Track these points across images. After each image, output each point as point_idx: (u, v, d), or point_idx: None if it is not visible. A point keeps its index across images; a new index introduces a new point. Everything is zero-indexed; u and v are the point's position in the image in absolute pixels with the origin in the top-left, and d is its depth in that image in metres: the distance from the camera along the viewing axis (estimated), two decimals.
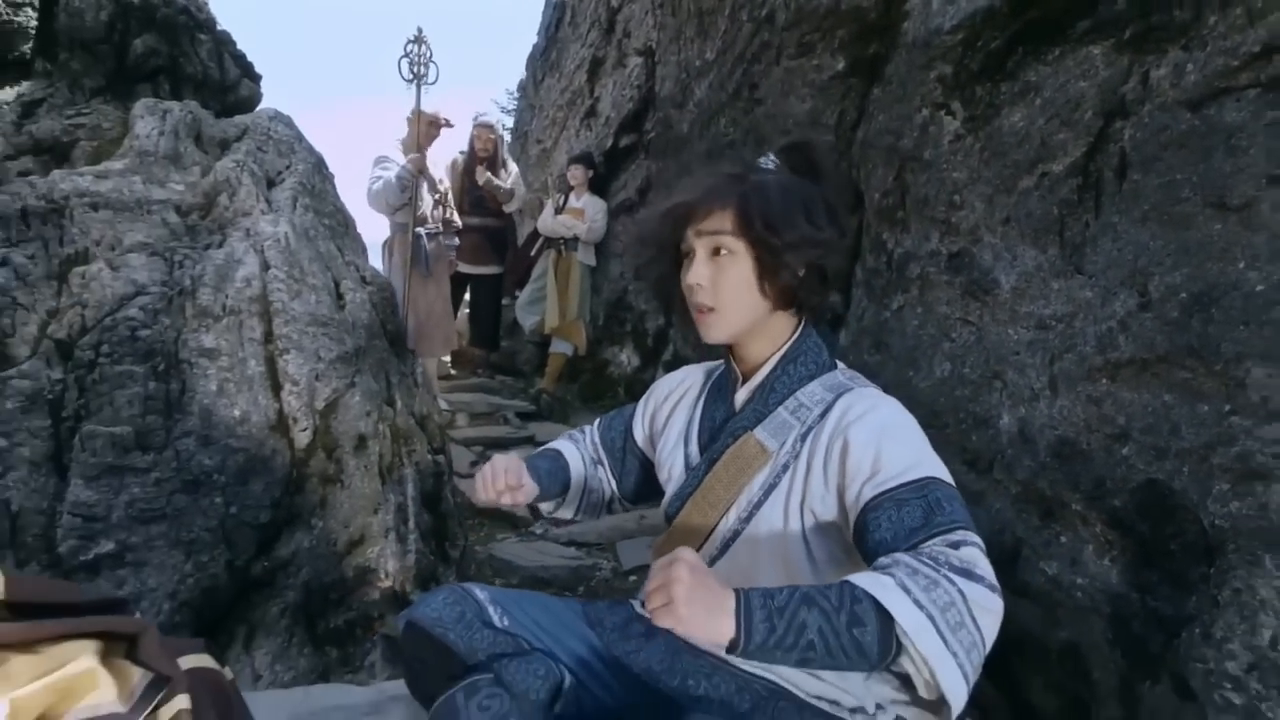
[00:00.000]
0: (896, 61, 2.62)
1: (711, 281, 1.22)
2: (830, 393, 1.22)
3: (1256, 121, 1.59)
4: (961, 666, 0.94)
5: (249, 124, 3.47)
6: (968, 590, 0.96)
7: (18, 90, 2.92)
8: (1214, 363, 1.62)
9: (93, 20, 3.12)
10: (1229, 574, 1.54)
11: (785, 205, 1.19)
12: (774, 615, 0.93)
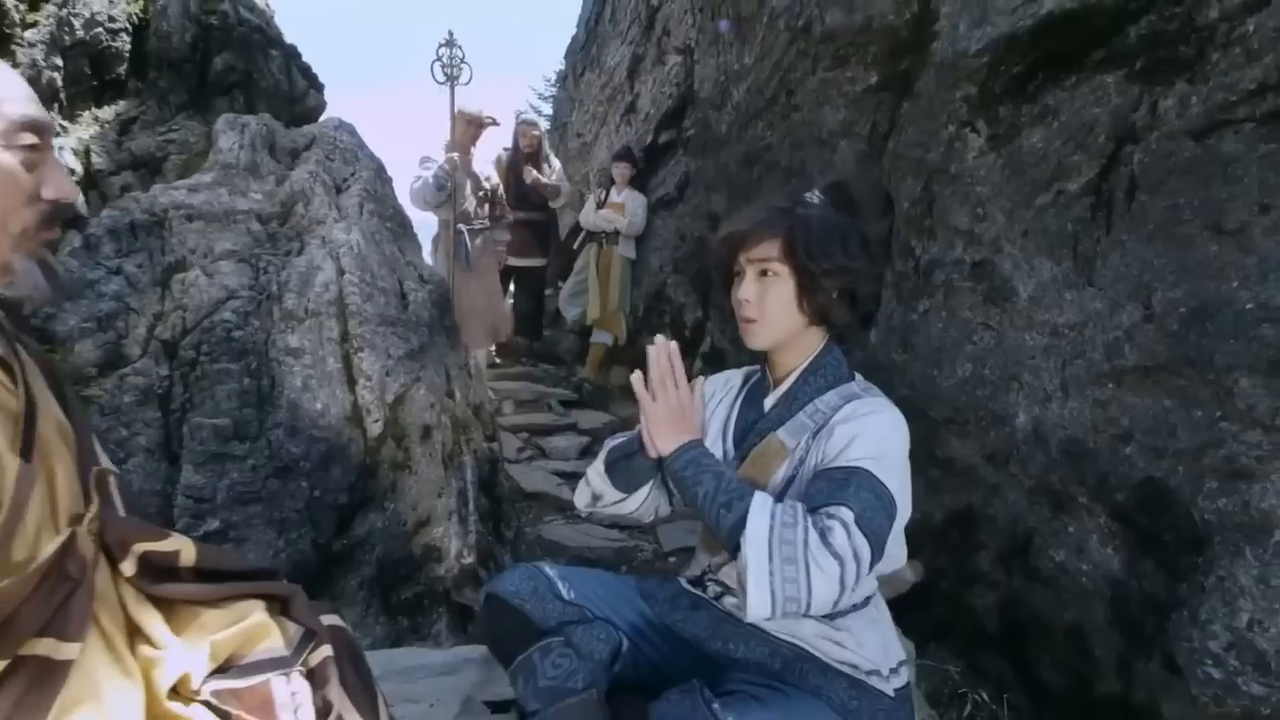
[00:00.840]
0: (925, 79, 2.78)
1: (758, 298, 1.43)
2: (843, 400, 1.41)
3: (1251, 153, 1.75)
4: (773, 589, 1.16)
5: (316, 133, 3.73)
6: (812, 544, 1.16)
7: (115, 109, 3.21)
8: (1207, 372, 1.78)
9: (179, 42, 3.39)
10: (1215, 563, 1.71)
11: (825, 237, 1.39)
12: (692, 465, 1.33)
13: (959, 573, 2.59)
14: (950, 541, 2.67)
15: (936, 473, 2.76)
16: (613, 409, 5.76)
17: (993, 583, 2.45)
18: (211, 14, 3.60)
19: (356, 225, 3.14)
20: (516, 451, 4.84)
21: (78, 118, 3.13)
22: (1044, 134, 2.28)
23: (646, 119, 6.39)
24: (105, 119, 3.19)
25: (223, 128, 3.35)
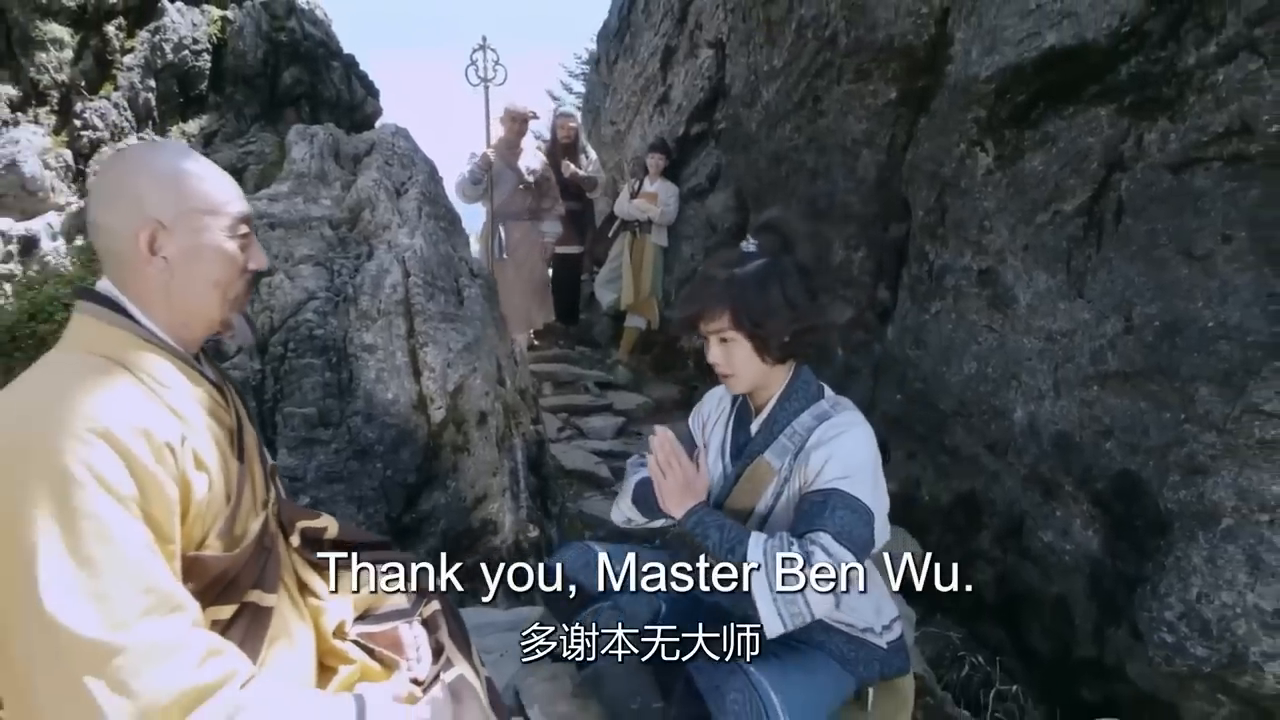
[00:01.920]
0: (940, 98, 3.00)
1: (725, 359, 1.70)
2: (816, 420, 1.69)
3: (1217, 189, 1.98)
4: (779, 612, 1.47)
5: (375, 139, 4.03)
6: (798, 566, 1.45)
7: (199, 123, 3.54)
8: (1174, 380, 2.04)
9: (252, 59, 3.71)
10: (1174, 545, 1.99)
11: (764, 299, 1.62)
12: (699, 524, 1.59)
13: (962, 550, 2.87)
14: (956, 522, 2.95)
15: (945, 459, 3.03)
16: (646, 391, 6.06)
17: (991, 559, 2.74)
18: (280, 31, 3.92)
19: (418, 230, 3.45)
20: (556, 431, 5.17)
21: (168, 133, 3.47)
22: (1044, 158, 2.51)
23: (679, 110, 6.61)
24: (191, 133, 3.53)
25: (294, 139, 3.67)
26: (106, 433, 0.95)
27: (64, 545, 0.90)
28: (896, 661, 1.73)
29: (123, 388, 1.02)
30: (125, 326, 1.09)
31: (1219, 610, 1.84)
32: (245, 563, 1.17)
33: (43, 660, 0.88)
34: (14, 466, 0.92)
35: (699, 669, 1.61)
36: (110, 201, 1.09)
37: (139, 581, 0.93)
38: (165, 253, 1.10)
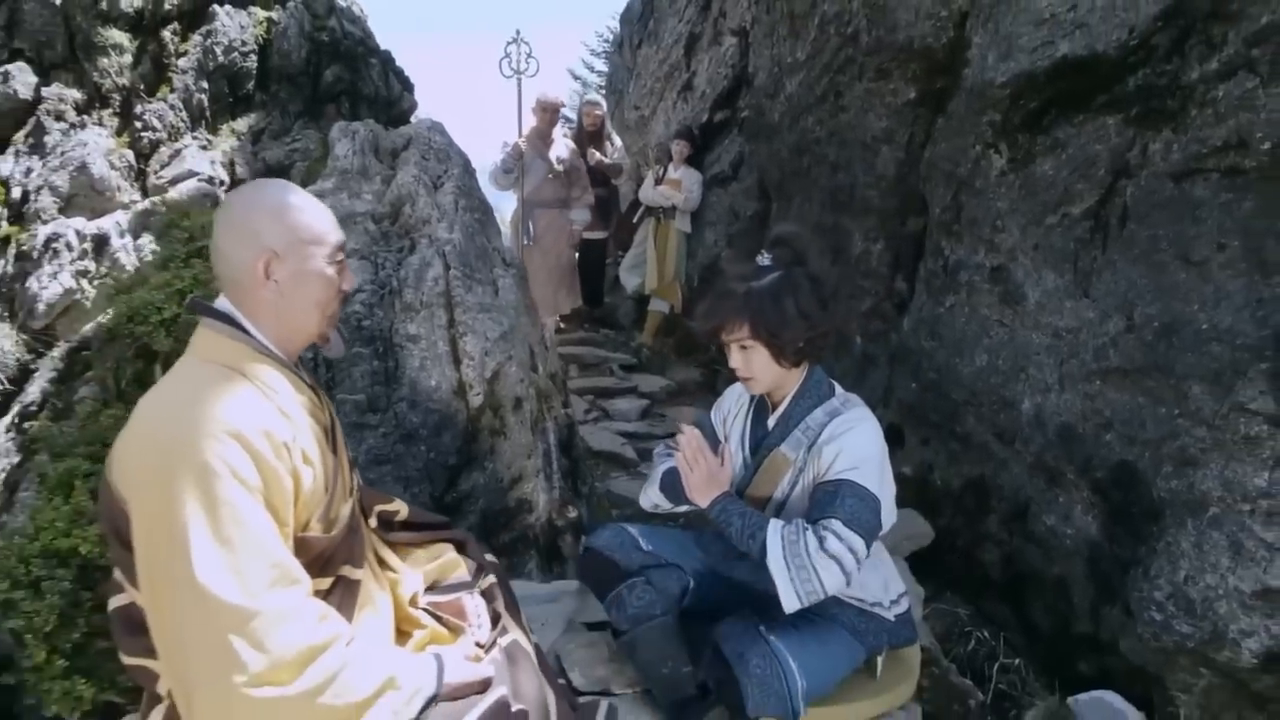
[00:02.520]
0: (957, 100, 3.12)
1: (745, 365, 1.87)
2: (827, 416, 1.85)
3: (1214, 199, 2.11)
4: (796, 590, 1.65)
5: (412, 134, 4.20)
6: (814, 553, 1.64)
7: (248, 122, 3.73)
8: (1170, 378, 2.19)
9: (296, 58, 3.89)
10: (1165, 531, 2.15)
11: (779, 310, 1.78)
12: (723, 512, 1.78)
13: (971, 532, 3.04)
14: (966, 505, 3.11)
15: (957, 446, 3.19)
16: (669, 373, 6.24)
17: (998, 541, 2.90)
18: (322, 30, 4.09)
19: (456, 223, 3.63)
20: (583, 413, 5.37)
21: (219, 131, 3.66)
22: (1054, 163, 2.64)
23: (703, 97, 6.71)
24: (240, 131, 3.72)
25: (337, 136, 3.85)
26: (238, 433, 1.14)
27: (208, 527, 1.09)
28: (904, 633, 1.92)
29: (245, 394, 1.22)
30: (242, 340, 1.29)
31: (1203, 591, 2.00)
32: (339, 542, 1.37)
33: (194, 620, 1.09)
34: (166, 460, 1.12)
35: (725, 637, 1.80)
36: (233, 234, 1.28)
37: (266, 558, 1.13)
38: (277, 277, 1.29)
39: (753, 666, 1.69)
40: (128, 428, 1.20)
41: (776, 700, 1.66)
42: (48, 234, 2.88)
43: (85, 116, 3.34)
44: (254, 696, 1.07)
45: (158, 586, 1.12)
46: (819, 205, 4.46)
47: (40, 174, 3.14)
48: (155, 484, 1.11)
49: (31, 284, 2.81)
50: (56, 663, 1.52)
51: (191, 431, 1.13)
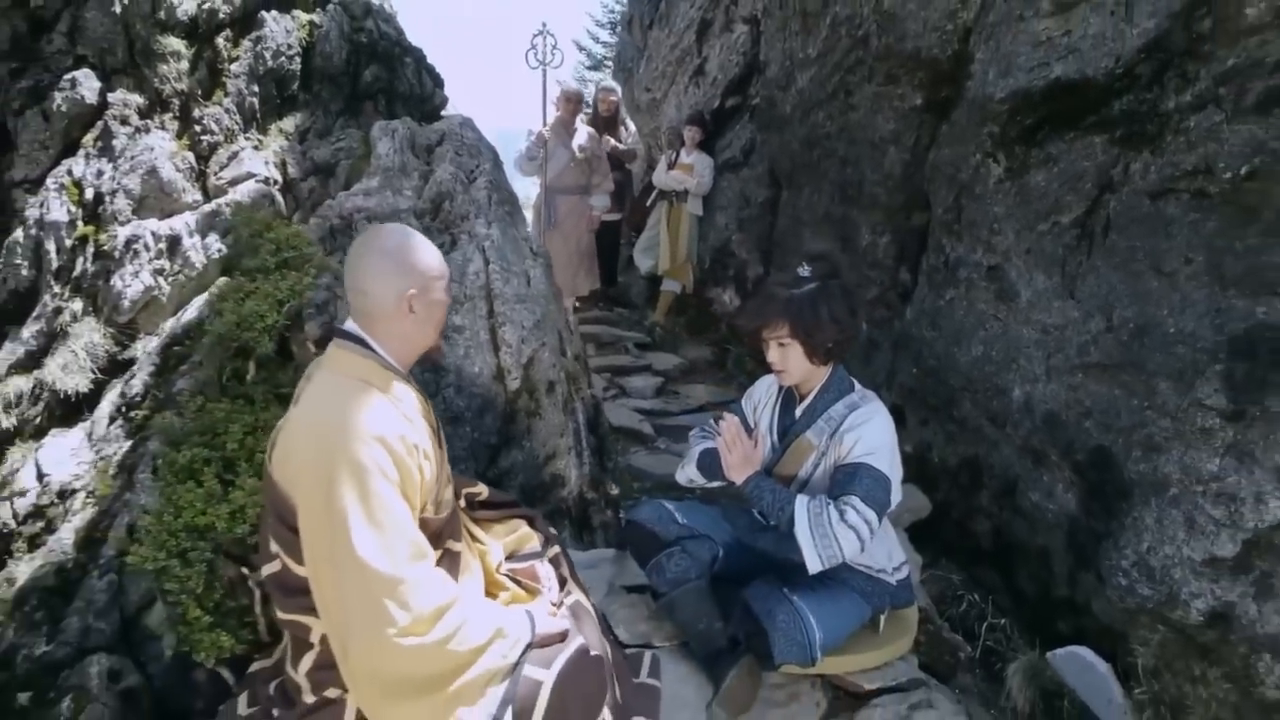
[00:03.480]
0: (960, 110, 3.37)
1: (781, 360, 2.19)
2: (847, 409, 2.17)
3: (1184, 218, 2.39)
4: (819, 554, 1.98)
5: (445, 130, 4.44)
6: (835, 523, 1.96)
7: (294, 121, 3.97)
8: (1141, 375, 2.48)
9: (337, 59, 4.12)
10: (1133, 508, 2.46)
11: (816, 314, 2.10)
12: (756, 488, 2.10)
13: (965, 506, 3.36)
14: (960, 482, 3.42)
15: (953, 428, 3.50)
16: (681, 351, 6.53)
17: (989, 514, 3.22)
18: (360, 32, 4.31)
19: (492, 219, 3.90)
20: (602, 390, 5.67)
21: (268, 131, 3.91)
22: (1046, 175, 2.91)
23: (714, 83, 6.91)
24: (288, 130, 3.96)
25: (378, 135, 4.10)
26: (381, 438, 1.45)
27: (363, 514, 1.40)
28: (903, 595, 2.25)
29: (381, 404, 1.52)
30: (371, 358, 1.59)
31: (1161, 560, 2.32)
32: (445, 521, 1.68)
33: (354, 586, 1.40)
34: (327, 462, 1.42)
35: (754, 597, 2.12)
36: (377, 279, 1.57)
37: (407, 537, 1.44)
38: (415, 308, 1.59)
39: (779, 621, 2.02)
40: (289, 435, 1.50)
41: (798, 649, 1.99)
42: (127, 235, 3.15)
43: (148, 121, 3.59)
44: (401, 644, 1.39)
45: (321, 561, 1.43)
46: (828, 197, 4.71)
47: (113, 177, 3.40)
48: (319, 482, 1.41)
49: (115, 282, 3.09)
50: (204, 619, 1.84)
51: (345, 438, 1.43)
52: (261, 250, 2.57)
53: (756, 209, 6.00)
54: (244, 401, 2.29)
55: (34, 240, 3.34)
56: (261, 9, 3.88)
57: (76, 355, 3.00)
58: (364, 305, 1.61)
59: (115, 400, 2.82)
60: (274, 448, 1.56)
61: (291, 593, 1.53)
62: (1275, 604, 2.05)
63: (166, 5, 3.64)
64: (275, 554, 1.56)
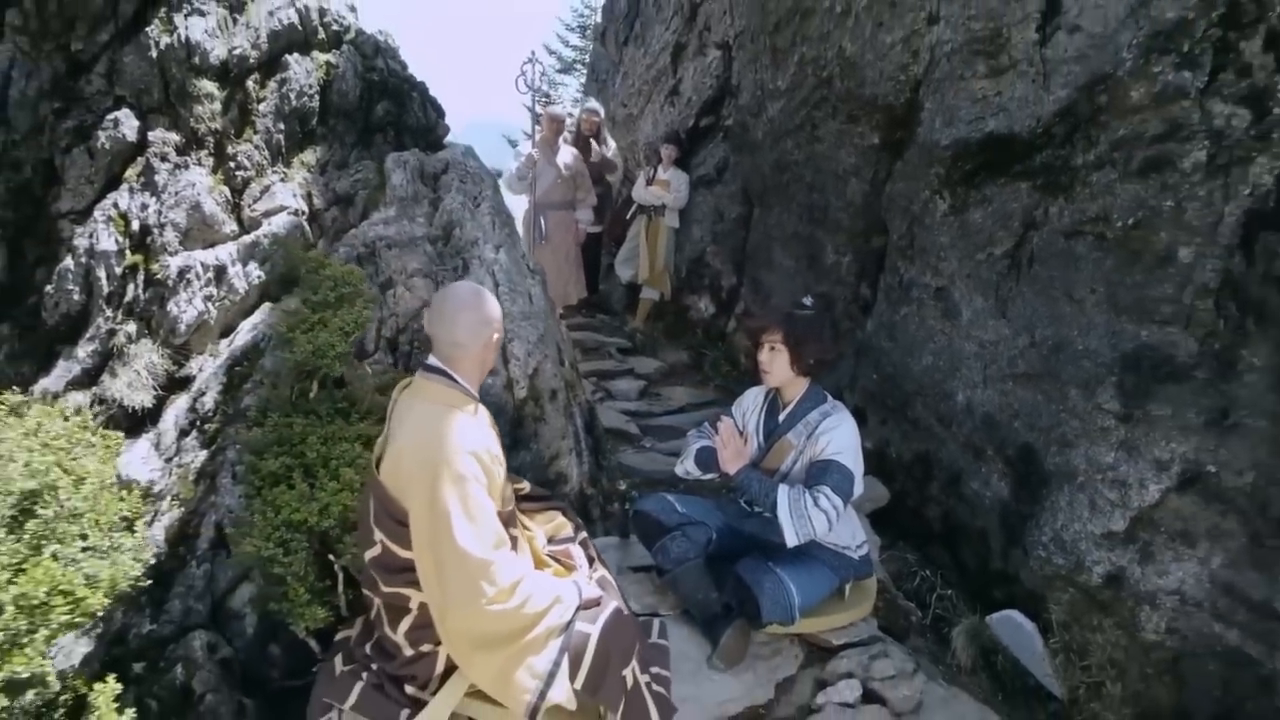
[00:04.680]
0: (911, 151, 3.88)
1: (769, 362, 2.70)
2: (821, 416, 2.68)
3: (1089, 256, 2.92)
4: (796, 532, 2.49)
5: (449, 159, 4.84)
6: (809, 507, 2.47)
7: (315, 154, 4.35)
8: (1057, 384, 3.01)
9: (352, 96, 4.49)
10: (1050, 494, 2.99)
11: (807, 332, 2.63)
12: (747, 478, 2.62)
13: (918, 495, 3.88)
14: (915, 474, 3.95)
15: (907, 426, 4.02)
16: (661, 355, 6.99)
17: (938, 501, 3.75)
18: (371, 70, 4.70)
19: (500, 245, 4.33)
20: (590, 394, 6.11)
21: (291, 164, 4.28)
22: (982, 213, 3.43)
23: (689, 103, 7.38)
24: (309, 163, 4.34)
25: (392, 166, 4.49)
26: (474, 452, 1.90)
27: (462, 511, 1.85)
28: (865, 569, 2.75)
29: (470, 424, 1.97)
30: (455, 388, 2.04)
31: (1071, 535, 2.85)
32: (509, 514, 2.14)
33: (454, 568, 1.84)
34: (432, 470, 1.87)
35: (744, 570, 2.61)
36: (467, 330, 2.02)
37: (493, 529, 1.89)
38: (488, 347, 2.04)
39: (766, 588, 2.51)
40: (398, 451, 1.94)
41: (782, 610, 2.49)
42: (180, 265, 3.52)
43: (186, 157, 3.95)
44: (490, 611, 1.84)
45: (424, 548, 1.88)
46: (797, 217, 5.22)
47: (158, 210, 3.76)
48: (426, 488, 1.86)
49: (171, 307, 3.46)
50: (304, 595, 2.27)
51: (446, 453, 1.88)
52: (322, 286, 2.98)
53: (730, 224, 6.49)
54: (314, 417, 2.71)
55: (84, 268, 3.69)
56: (285, 53, 4.25)
57: (139, 374, 3.38)
58: (453, 351, 2.05)
59: (184, 414, 3.21)
60: (381, 460, 2.00)
61: (394, 571, 1.98)
62: (1154, 567, 2.60)
63: (200, 51, 4.00)
64: (378, 541, 2.00)
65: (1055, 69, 3.07)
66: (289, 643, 2.64)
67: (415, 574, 1.93)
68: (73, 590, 1.51)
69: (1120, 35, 2.79)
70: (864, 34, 4.17)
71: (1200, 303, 2.52)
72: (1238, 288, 2.44)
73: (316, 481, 2.48)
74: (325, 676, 2.18)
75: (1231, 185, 2.45)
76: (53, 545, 1.55)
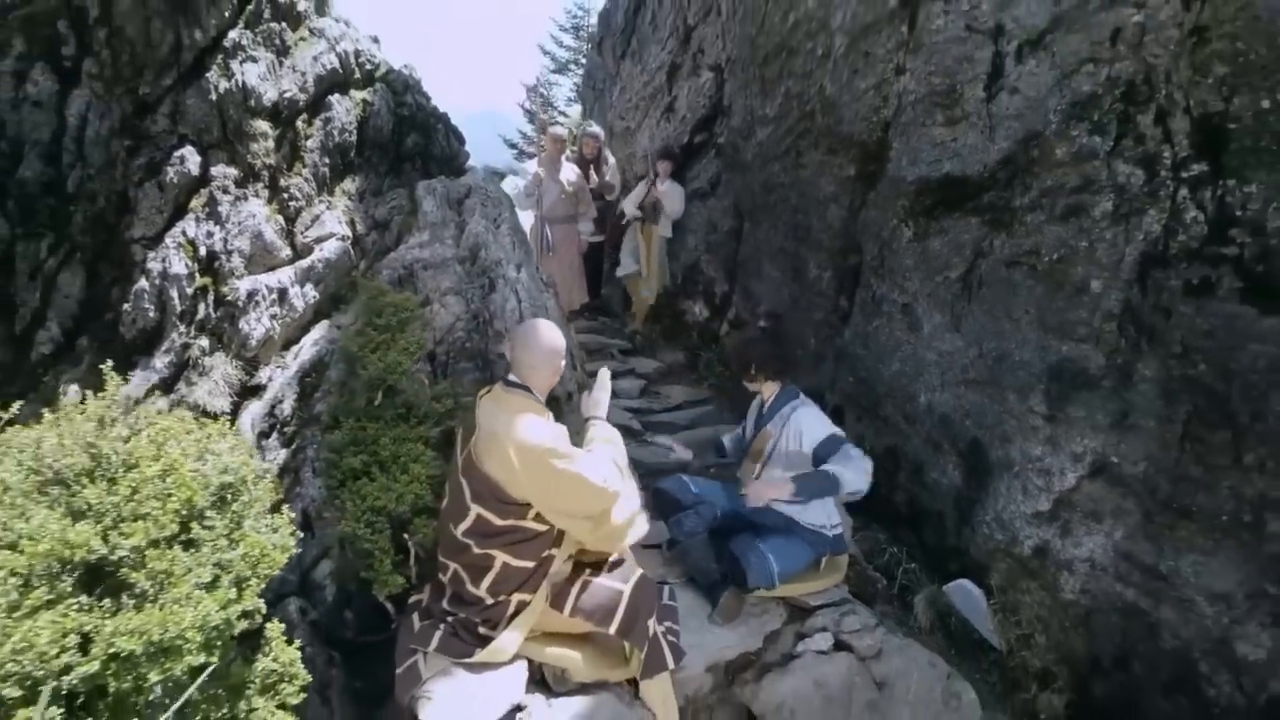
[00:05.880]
0: (882, 184, 4.46)
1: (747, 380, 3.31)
2: (791, 410, 3.28)
3: (1025, 283, 3.50)
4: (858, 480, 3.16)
5: (471, 185, 5.39)
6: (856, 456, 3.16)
7: (353, 184, 4.87)
8: (1000, 389, 3.61)
9: (386, 130, 5.03)
10: (993, 482, 3.59)
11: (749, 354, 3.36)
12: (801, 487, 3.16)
13: (888, 483, 4.47)
14: (885, 465, 4.53)
15: (879, 424, 4.61)
16: (659, 356, 7.57)
17: (904, 488, 4.35)
18: (402, 106, 5.23)
19: (520, 264, 4.89)
20: None
21: (335, 193, 4.82)
22: (940, 242, 4.01)
23: (684, 120, 7.93)
24: (349, 191, 4.87)
25: (423, 194, 5.04)
26: (555, 435, 2.47)
27: (578, 469, 2.44)
28: (839, 546, 3.35)
29: (550, 423, 2.56)
30: (531, 397, 2.62)
31: (1009, 515, 3.45)
32: None
33: (597, 500, 2.46)
34: (536, 457, 2.42)
35: (735, 545, 3.20)
36: (544, 357, 2.61)
37: (599, 470, 2.49)
38: (557, 369, 2.62)
39: (751, 560, 3.09)
40: (500, 448, 2.47)
41: (765, 577, 3.08)
42: (248, 288, 4.06)
43: (244, 190, 4.49)
44: (617, 520, 2.45)
45: (558, 513, 2.48)
46: (783, 234, 5.79)
47: (224, 238, 4.30)
48: (538, 469, 2.42)
49: (242, 325, 3.99)
50: (387, 565, 2.83)
51: (540, 442, 2.45)
52: (384, 311, 3.53)
53: (723, 235, 7.05)
54: (382, 421, 3.26)
55: (158, 289, 4.23)
56: (328, 94, 4.77)
57: (217, 383, 3.93)
58: (530, 372, 2.63)
59: (259, 418, 3.77)
60: (482, 455, 2.54)
61: (488, 536, 2.53)
62: (1071, 540, 3.20)
63: (255, 94, 4.53)
64: (474, 512, 2.54)
65: (999, 123, 3.64)
66: (360, 608, 3.21)
67: (508, 537, 2.50)
68: (269, 553, 2.06)
69: (1049, 100, 3.37)
70: (842, 78, 4.73)
71: (1106, 325, 3.11)
72: (1135, 314, 3.04)
73: (390, 475, 3.04)
74: (407, 630, 2.75)
75: (1130, 231, 3.04)
76: (249, 521, 2.09)
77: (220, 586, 1.86)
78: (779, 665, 3.05)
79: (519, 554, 2.51)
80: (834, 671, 3.01)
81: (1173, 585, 2.90)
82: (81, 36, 4.51)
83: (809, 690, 2.95)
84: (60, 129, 4.53)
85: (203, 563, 1.86)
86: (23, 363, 4.50)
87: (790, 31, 5.41)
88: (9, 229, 4.60)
